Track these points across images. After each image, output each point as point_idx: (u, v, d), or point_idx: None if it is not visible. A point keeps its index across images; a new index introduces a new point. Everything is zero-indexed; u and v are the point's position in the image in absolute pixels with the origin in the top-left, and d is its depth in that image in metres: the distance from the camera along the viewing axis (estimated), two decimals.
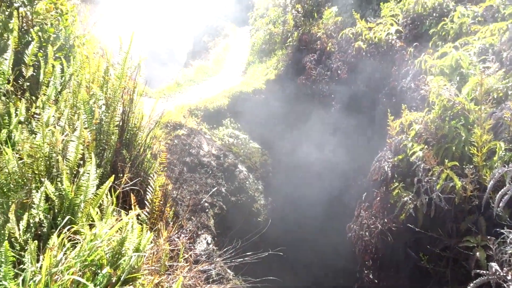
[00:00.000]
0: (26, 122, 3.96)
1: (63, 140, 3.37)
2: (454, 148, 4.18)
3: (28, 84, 4.48)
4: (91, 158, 3.16)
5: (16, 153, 3.18)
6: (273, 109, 10.05)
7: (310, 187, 8.47)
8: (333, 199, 8.01)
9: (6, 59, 4.06)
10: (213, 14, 21.13)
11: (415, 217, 4.29)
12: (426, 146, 4.51)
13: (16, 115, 3.92)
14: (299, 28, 10.77)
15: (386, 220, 4.72)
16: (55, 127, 3.58)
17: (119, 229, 2.79)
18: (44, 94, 4.41)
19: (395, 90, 6.20)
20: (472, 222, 3.82)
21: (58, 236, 2.52)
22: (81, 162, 3.33)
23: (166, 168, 5.13)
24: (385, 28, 7.12)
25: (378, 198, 5.06)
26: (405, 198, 4.37)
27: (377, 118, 6.95)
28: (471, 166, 3.81)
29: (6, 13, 4.59)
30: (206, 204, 6.57)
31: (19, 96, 4.37)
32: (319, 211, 7.94)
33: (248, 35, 17.19)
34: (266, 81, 10.70)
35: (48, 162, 3.25)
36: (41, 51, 4.66)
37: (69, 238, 2.59)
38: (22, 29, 4.92)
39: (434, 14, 6.48)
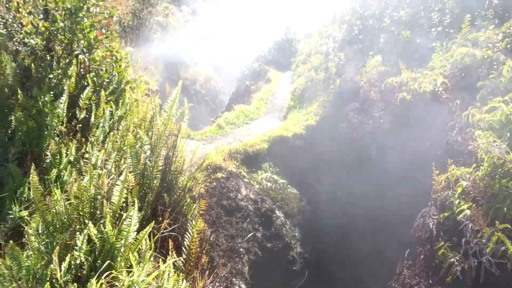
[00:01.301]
0: (75, 162, 4.15)
1: (108, 183, 3.48)
2: (505, 209, 3.95)
3: (80, 125, 4.73)
4: (134, 202, 3.23)
5: (64, 193, 3.31)
6: (312, 155, 9.99)
7: (349, 237, 8.20)
8: (372, 251, 7.68)
9: (61, 103, 4.32)
10: (256, 59, 21.78)
11: (463, 280, 4.03)
12: (474, 205, 4.29)
13: (67, 155, 4.13)
14: (342, 76, 10.85)
15: (431, 282, 4.44)
16: (102, 169, 3.72)
17: (155, 276, 2.80)
18: (93, 136, 4.63)
19: (441, 142, 6.01)
20: None
21: (97, 281, 2.55)
22: (124, 204, 3.41)
23: (204, 212, 5.15)
24: (431, 79, 7.03)
25: (422, 257, 4.80)
26: (452, 259, 4.12)
27: (420, 170, 6.73)
28: None
29: (67, 60, 4.94)
30: (242, 249, 6.49)
31: (71, 137, 4.61)
32: (358, 264, 7.62)
33: (289, 80, 17.49)
34: (306, 126, 10.73)
35: (92, 204, 3.35)
36: (94, 94, 4.93)
37: (108, 282, 2.62)
38: (79, 74, 5.25)
39: (483, 67, 6.34)
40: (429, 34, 9.14)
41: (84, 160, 3.98)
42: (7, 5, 5.28)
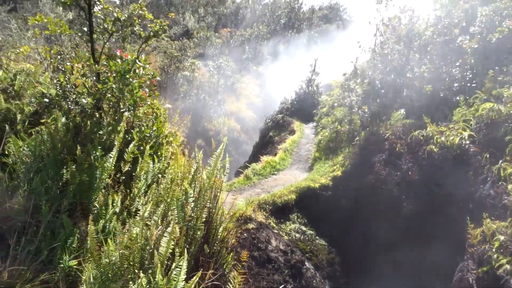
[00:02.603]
0: (119, 214, 4.39)
1: (156, 234, 3.67)
2: None
3: (123, 177, 5.02)
4: (182, 253, 3.40)
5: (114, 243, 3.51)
6: (340, 206, 10.00)
7: None
8: None
9: (110, 157, 4.63)
10: (279, 110, 22.31)
11: None
12: None
13: (113, 206, 4.38)
14: (366, 128, 11.06)
15: None
16: (149, 220, 3.93)
17: None
18: (136, 187, 4.90)
19: (473, 196, 6.04)
20: None
21: None
22: (170, 255, 3.58)
23: (240, 264, 5.24)
24: (457, 133, 7.16)
25: None
26: None
27: (452, 223, 6.70)
28: None
29: (115, 117, 5.34)
30: None
31: (115, 189, 4.89)
32: None
33: (313, 131, 17.79)
34: (332, 177, 10.82)
35: (141, 254, 3.52)
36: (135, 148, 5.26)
37: None
38: (125, 130, 5.63)
39: (509, 121, 6.46)
40: (451, 89, 9.37)
41: (132, 211, 4.22)
42: (62, 68, 5.81)
